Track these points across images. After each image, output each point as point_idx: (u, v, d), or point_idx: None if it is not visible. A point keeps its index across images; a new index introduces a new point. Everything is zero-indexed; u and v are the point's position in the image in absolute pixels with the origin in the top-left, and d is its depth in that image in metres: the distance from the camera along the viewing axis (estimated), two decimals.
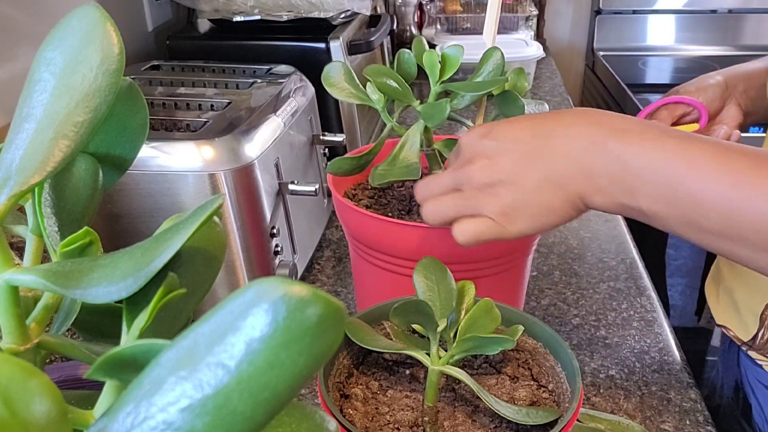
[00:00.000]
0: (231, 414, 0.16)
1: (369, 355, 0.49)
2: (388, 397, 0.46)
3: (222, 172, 0.64)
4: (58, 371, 0.46)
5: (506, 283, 0.64)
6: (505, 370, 0.47)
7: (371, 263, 0.62)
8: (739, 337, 0.71)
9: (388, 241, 0.58)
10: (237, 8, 1.00)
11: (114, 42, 0.25)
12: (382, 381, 0.47)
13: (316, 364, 0.16)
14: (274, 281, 0.16)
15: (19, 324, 0.23)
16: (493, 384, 0.46)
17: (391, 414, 0.44)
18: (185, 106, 0.74)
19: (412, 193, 0.66)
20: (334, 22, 1.00)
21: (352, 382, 0.47)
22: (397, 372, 0.48)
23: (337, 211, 0.63)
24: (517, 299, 0.67)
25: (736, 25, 2.00)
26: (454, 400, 0.45)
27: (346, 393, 0.46)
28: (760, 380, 0.71)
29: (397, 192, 0.67)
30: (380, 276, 0.62)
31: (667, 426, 0.61)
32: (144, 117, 0.31)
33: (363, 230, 0.60)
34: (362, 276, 0.66)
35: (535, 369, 0.47)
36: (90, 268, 0.22)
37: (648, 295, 0.79)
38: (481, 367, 0.48)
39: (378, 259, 0.61)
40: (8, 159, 0.24)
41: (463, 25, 1.71)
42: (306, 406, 0.25)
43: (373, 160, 0.62)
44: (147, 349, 0.19)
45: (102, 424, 0.17)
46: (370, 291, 0.66)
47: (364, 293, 0.68)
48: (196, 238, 0.25)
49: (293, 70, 0.86)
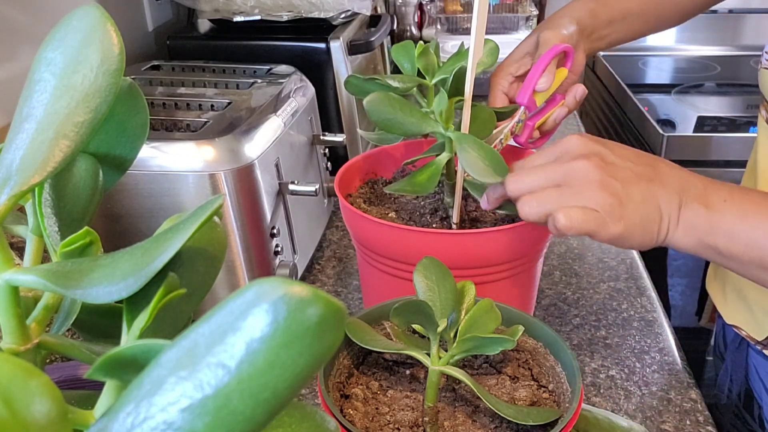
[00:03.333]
0: (231, 414, 0.16)
1: (369, 356, 0.49)
2: (388, 397, 0.46)
3: (222, 172, 0.64)
4: (59, 371, 0.46)
5: (517, 288, 0.64)
6: (505, 370, 0.47)
7: (379, 269, 0.62)
8: (753, 337, 0.71)
9: (396, 247, 0.58)
10: (237, 8, 1.00)
11: (114, 42, 0.25)
12: (383, 381, 0.47)
13: (317, 364, 0.16)
14: (275, 281, 0.16)
15: (19, 324, 0.23)
16: (493, 384, 0.46)
17: (391, 414, 0.44)
18: (185, 106, 0.74)
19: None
20: (334, 22, 1.00)
21: (353, 383, 0.47)
22: (398, 372, 0.48)
23: (344, 217, 0.63)
24: (528, 304, 0.68)
25: (736, 25, 2.00)
26: (455, 400, 0.45)
27: (347, 393, 0.46)
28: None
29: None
30: (388, 282, 0.62)
31: (667, 426, 0.61)
32: (144, 117, 0.31)
33: (370, 236, 0.60)
34: (369, 280, 0.66)
35: (536, 369, 0.47)
36: (90, 268, 0.22)
37: (648, 296, 0.79)
38: (482, 367, 0.48)
39: (386, 265, 0.60)
40: (8, 159, 0.24)
41: (463, 25, 1.71)
42: (306, 406, 0.25)
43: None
44: (147, 349, 0.19)
45: (102, 424, 0.17)
46: (377, 294, 0.66)
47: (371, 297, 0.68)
48: (196, 239, 0.25)
49: (293, 70, 0.86)
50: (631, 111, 1.62)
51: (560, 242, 0.89)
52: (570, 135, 0.53)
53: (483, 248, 0.57)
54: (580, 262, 0.85)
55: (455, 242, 0.56)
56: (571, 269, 0.84)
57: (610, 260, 0.85)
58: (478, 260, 0.57)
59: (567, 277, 0.82)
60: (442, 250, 0.55)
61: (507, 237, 0.57)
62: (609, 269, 0.84)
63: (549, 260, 0.85)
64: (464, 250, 0.56)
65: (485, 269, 0.58)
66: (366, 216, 0.58)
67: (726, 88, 1.71)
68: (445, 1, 1.75)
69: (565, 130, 1.29)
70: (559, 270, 0.83)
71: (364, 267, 0.65)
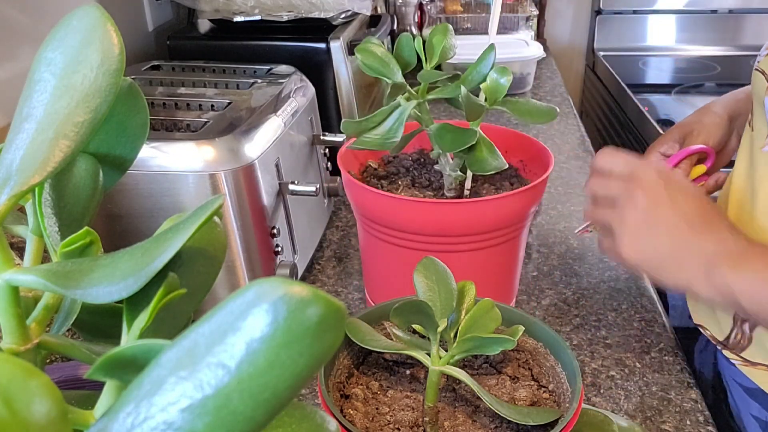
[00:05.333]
0: (231, 414, 0.16)
1: (369, 356, 0.49)
2: (388, 397, 0.46)
3: (222, 173, 0.64)
4: (59, 371, 0.46)
5: (505, 255, 0.67)
6: (505, 371, 0.47)
7: (380, 239, 0.65)
8: (715, 337, 0.71)
9: (396, 217, 0.62)
10: (237, 8, 1.00)
11: (114, 42, 0.25)
12: (383, 381, 0.47)
13: (317, 364, 0.16)
14: (275, 281, 0.16)
15: (19, 324, 0.23)
16: (493, 384, 0.46)
17: (391, 414, 0.44)
18: (185, 106, 0.74)
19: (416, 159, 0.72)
20: (334, 23, 1.00)
21: (353, 383, 0.47)
22: (398, 372, 0.48)
23: (347, 190, 0.66)
24: (514, 270, 0.71)
25: (736, 25, 2.00)
26: (455, 400, 0.45)
27: (347, 393, 0.46)
28: (735, 379, 0.71)
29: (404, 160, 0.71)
30: (388, 251, 0.66)
31: (667, 426, 0.61)
32: (144, 117, 0.31)
33: (372, 208, 0.63)
34: (370, 252, 0.70)
35: (536, 369, 0.47)
36: (90, 268, 0.22)
37: (648, 296, 0.79)
38: (482, 368, 0.48)
39: (386, 234, 0.64)
40: (8, 159, 0.24)
41: (463, 25, 1.71)
42: (306, 406, 0.25)
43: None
44: (147, 349, 0.19)
45: (102, 425, 0.17)
46: (377, 266, 0.69)
47: (371, 269, 0.71)
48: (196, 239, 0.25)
49: (293, 71, 0.85)
50: (631, 111, 1.62)
51: (560, 242, 0.89)
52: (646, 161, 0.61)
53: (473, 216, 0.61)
54: (580, 262, 0.85)
55: (448, 211, 0.60)
56: (571, 269, 0.84)
57: (610, 260, 0.85)
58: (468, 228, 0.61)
59: (567, 277, 0.82)
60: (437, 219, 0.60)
61: (493, 206, 0.61)
62: (609, 269, 0.84)
63: (549, 260, 0.85)
64: (455, 218, 0.61)
65: (475, 236, 0.62)
66: (365, 187, 0.62)
67: (726, 88, 1.70)
68: (445, 1, 1.75)
69: (565, 130, 1.29)
70: (559, 270, 0.83)
71: (364, 235, 0.69)
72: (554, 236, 0.91)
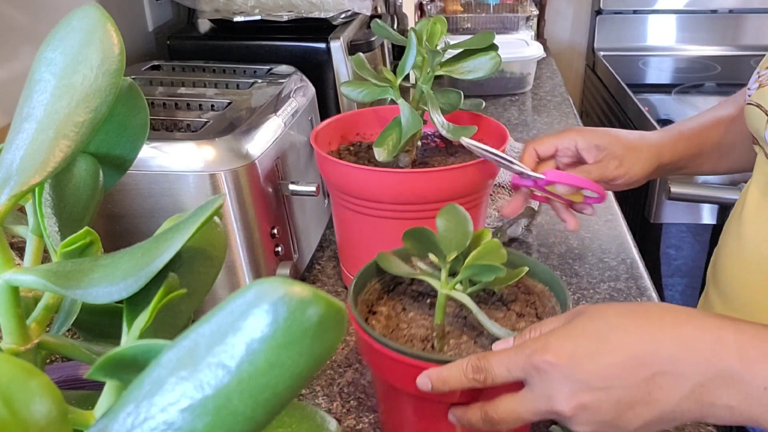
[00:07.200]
0: (231, 414, 0.16)
1: (400, 285, 0.57)
2: (408, 317, 0.54)
3: (222, 173, 0.64)
4: (59, 371, 0.46)
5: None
6: (513, 308, 0.55)
7: (353, 210, 0.69)
8: None
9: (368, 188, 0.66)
10: (237, 8, 1.00)
11: (114, 42, 0.25)
12: (407, 305, 0.56)
13: (317, 364, 0.16)
14: (275, 281, 0.16)
15: (19, 324, 0.23)
16: (500, 317, 0.54)
17: (408, 330, 0.53)
18: (186, 106, 0.74)
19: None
20: (334, 22, 1.00)
21: (381, 303, 0.56)
22: (420, 300, 0.57)
23: (320, 167, 0.70)
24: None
25: (736, 25, 2.00)
26: (464, 326, 0.54)
27: (374, 310, 0.55)
28: None
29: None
30: (361, 221, 0.71)
31: None
32: (144, 117, 0.31)
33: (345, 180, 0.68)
34: (344, 223, 0.74)
35: (540, 309, 0.55)
36: (90, 269, 0.22)
37: (649, 296, 0.79)
38: (494, 304, 0.56)
39: (358, 205, 0.68)
40: (9, 159, 0.24)
41: (463, 25, 1.71)
42: (306, 406, 0.25)
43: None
44: (147, 349, 0.19)
45: (102, 425, 0.17)
46: (351, 235, 0.74)
47: (344, 238, 0.76)
48: (196, 239, 0.25)
49: (294, 71, 0.85)
50: (631, 111, 1.62)
51: (560, 242, 0.89)
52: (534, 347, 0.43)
53: (432, 185, 0.65)
54: (580, 262, 0.85)
55: (409, 179, 0.65)
56: (571, 269, 0.84)
57: (610, 260, 0.85)
58: (429, 196, 0.65)
59: (567, 277, 0.82)
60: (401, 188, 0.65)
61: (451, 176, 0.65)
62: (609, 269, 0.84)
63: (549, 260, 0.85)
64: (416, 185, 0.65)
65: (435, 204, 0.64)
66: (335, 160, 0.66)
67: (726, 88, 1.71)
68: (445, 1, 1.75)
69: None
70: (560, 270, 0.83)
71: (337, 209, 0.74)
72: (554, 236, 0.91)
